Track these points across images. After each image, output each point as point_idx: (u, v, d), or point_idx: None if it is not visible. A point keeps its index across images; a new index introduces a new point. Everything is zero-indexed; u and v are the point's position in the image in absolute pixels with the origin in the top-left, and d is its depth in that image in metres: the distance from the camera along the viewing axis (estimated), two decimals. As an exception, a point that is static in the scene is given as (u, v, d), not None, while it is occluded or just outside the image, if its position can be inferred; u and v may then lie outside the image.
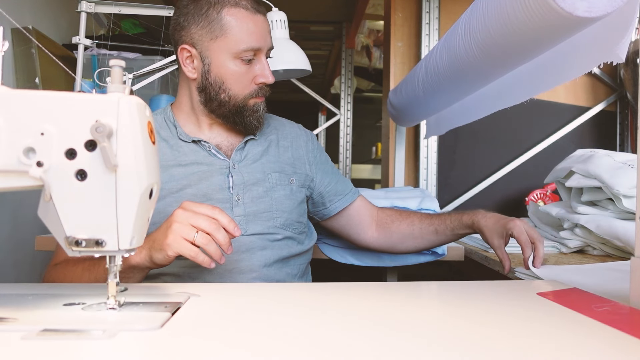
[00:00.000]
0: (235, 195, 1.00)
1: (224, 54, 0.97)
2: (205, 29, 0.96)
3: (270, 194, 1.03)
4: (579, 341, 0.47)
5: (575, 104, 2.17)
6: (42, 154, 0.52)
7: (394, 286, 0.74)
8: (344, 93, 3.21)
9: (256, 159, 1.06)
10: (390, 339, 0.47)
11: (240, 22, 0.96)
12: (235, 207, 0.99)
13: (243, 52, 0.97)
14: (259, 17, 0.98)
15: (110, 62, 0.56)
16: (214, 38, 0.96)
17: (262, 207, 1.02)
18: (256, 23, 0.97)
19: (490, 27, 0.93)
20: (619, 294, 0.68)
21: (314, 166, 1.14)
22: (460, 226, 1.09)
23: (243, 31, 0.96)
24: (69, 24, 2.09)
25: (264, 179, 1.04)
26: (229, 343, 0.47)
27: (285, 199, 1.05)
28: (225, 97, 1.00)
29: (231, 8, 0.96)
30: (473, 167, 2.12)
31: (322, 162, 1.17)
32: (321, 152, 1.18)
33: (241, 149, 1.05)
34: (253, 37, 0.97)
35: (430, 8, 2.06)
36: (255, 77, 1.00)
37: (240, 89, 1.00)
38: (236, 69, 0.98)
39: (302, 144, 1.15)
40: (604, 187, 1.11)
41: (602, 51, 0.85)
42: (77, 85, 1.55)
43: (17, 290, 0.68)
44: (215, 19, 0.96)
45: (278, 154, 1.09)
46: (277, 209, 1.03)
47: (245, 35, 0.96)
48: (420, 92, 1.46)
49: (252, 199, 1.01)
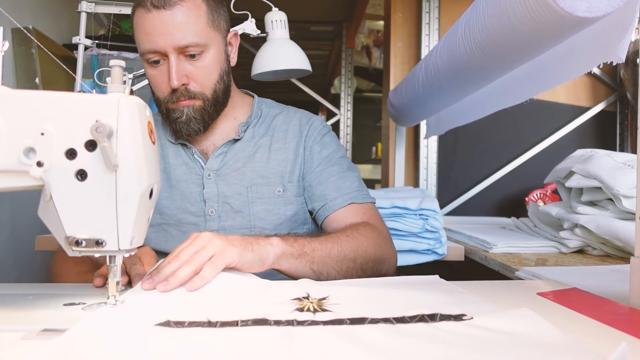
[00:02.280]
0: (209, 209, 0.94)
1: (141, 57, 0.92)
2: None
3: (249, 208, 0.94)
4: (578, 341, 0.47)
5: (575, 104, 2.17)
6: (42, 154, 0.52)
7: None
8: (344, 93, 3.21)
9: (237, 167, 0.97)
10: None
11: (137, 23, 0.89)
12: (209, 221, 0.94)
13: (145, 55, 0.89)
14: (154, 15, 0.86)
15: (111, 62, 0.56)
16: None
17: (239, 222, 0.94)
18: (152, 22, 0.86)
19: (490, 27, 0.93)
20: (619, 295, 0.68)
21: (309, 162, 1.01)
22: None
23: (140, 33, 0.88)
24: (69, 24, 2.09)
25: (242, 192, 0.95)
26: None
27: (266, 214, 0.95)
28: (155, 101, 0.95)
29: (136, 9, 0.89)
30: (473, 167, 2.12)
31: (320, 157, 1.01)
32: (324, 147, 1.02)
33: (222, 154, 0.97)
34: (146, 38, 0.87)
35: (430, 8, 2.06)
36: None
37: (159, 93, 0.93)
38: (149, 71, 0.92)
39: (302, 140, 1.01)
40: (603, 187, 1.11)
41: (602, 51, 0.84)
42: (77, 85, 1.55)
43: (17, 290, 0.68)
44: (131, 23, 0.92)
45: (266, 161, 0.98)
46: (255, 225, 0.94)
47: (141, 37, 0.88)
48: (420, 92, 1.46)
49: (227, 212, 0.94)
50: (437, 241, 1.28)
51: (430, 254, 1.30)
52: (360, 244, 0.87)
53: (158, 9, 0.86)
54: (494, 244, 1.19)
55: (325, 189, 0.98)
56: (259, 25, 1.34)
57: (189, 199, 0.95)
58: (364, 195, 0.99)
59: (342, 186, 0.98)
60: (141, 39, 0.88)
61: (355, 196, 0.98)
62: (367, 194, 1.01)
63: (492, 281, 0.78)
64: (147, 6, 0.86)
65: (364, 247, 0.87)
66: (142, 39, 0.88)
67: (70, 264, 0.92)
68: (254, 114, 1.03)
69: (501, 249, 1.19)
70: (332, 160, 1.01)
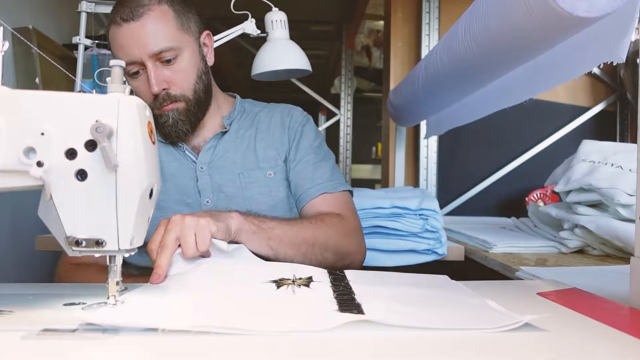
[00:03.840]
0: (204, 199, 0.98)
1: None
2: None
3: (243, 193, 0.99)
4: (579, 341, 0.47)
5: (575, 104, 2.17)
6: (42, 154, 0.52)
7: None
8: (344, 93, 3.21)
9: (228, 157, 1.02)
10: (390, 338, 0.47)
11: (113, 39, 0.94)
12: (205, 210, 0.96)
13: (125, 68, 0.90)
14: (125, 29, 0.92)
15: (111, 62, 0.56)
16: None
17: (235, 207, 0.96)
18: (124, 35, 0.92)
19: (490, 27, 0.93)
20: (619, 295, 0.68)
21: (293, 151, 1.04)
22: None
23: (116, 48, 0.94)
24: (69, 24, 2.09)
25: (234, 179, 1.00)
26: (230, 343, 0.47)
27: (261, 197, 1.00)
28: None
29: (110, 27, 0.94)
30: (473, 167, 2.13)
31: (302, 146, 1.05)
32: (303, 136, 1.06)
33: (212, 148, 1.02)
34: (122, 51, 0.93)
35: (430, 8, 2.06)
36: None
37: (147, 101, 0.94)
38: (132, 84, 0.96)
39: (285, 130, 1.06)
40: (604, 199, 1.12)
41: (602, 51, 0.85)
42: (77, 85, 1.55)
43: (17, 290, 0.68)
44: (108, 41, 0.96)
45: (253, 149, 1.03)
46: (252, 209, 0.97)
47: (118, 51, 0.94)
48: (420, 92, 1.46)
49: (223, 200, 0.98)
50: (437, 241, 1.29)
51: (430, 254, 1.30)
52: (321, 231, 0.91)
53: (127, 22, 0.91)
54: (494, 244, 1.19)
55: (300, 179, 1.02)
56: (259, 25, 1.34)
57: (184, 191, 0.99)
58: (335, 184, 1.02)
59: (314, 176, 1.02)
60: (118, 53, 0.94)
61: (327, 186, 1.01)
62: (339, 183, 1.03)
63: (492, 281, 0.79)
64: (118, 21, 0.92)
65: (325, 235, 0.91)
66: (118, 53, 0.93)
67: (75, 270, 0.94)
68: (236, 109, 1.09)
69: (501, 249, 1.19)
70: (308, 150, 1.05)
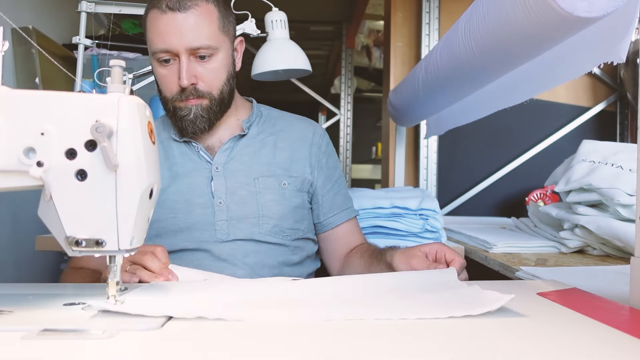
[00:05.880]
0: (217, 200, 0.98)
1: (151, 56, 0.97)
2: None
3: (257, 198, 0.99)
4: (579, 341, 0.47)
5: (575, 104, 2.17)
6: (42, 154, 0.52)
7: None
8: (344, 93, 3.21)
9: (244, 161, 1.01)
10: (390, 338, 0.47)
11: (151, 23, 0.94)
12: (218, 212, 0.97)
13: (157, 54, 0.94)
14: (169, 17, 0.92)
15: (111, 62, 0.56)
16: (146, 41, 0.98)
17: (248, 211, 0.98)
18: (166, 23, 0.92)
19: (490, 27, 0.93)
20: (619, 295, 0.68)
21: (316, 170, 1.06)
22: (385, 267, 0.92)
23: (153, 33, 0.94)
24: (69, 24, 2.09)
25: (250, 183, 0.99)
26: (229, 343, 0.47)
27: (274, 204, 0.99)
28: (162, 100, 1.00)
29: (150, 10, 0.94)
30: (473, 167, 2.13)
31: (328, 168, 1.09)
32: (329, 157, 1.10)
33: (229, 149, 1.02)
34: (159, 38, 0.93)
35: (430, 8, 2.06)
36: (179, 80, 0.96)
37: (167, 92, 0.97)
38: (159, 70, 0.96)
39: (307, 146, 1.07)
40: (604, 199, 1.12)
41: (602, 51, 0.85)
42: (77, 85, 1.55)
43: (17, 290, 0.68)
44: (144, 23, 0.97)
45: (272, 156, 1.03)
46: (264, 215, 0.98)
47: (155, 36, 0.94)
48: (420, 92, 1.46)
49: (237, 203, 0.98)
50: (437, 241, 1.28)
51: (430, 254, 1.30)
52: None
53: (173, 11, 0.91)
54: (494, 244, 1.19)
55: (325, 206, 1.07)
56: (259, 25, 1.34)
57: (197, 191, 0.98)
58: (351, 210, 1.11)
59: (337, 203, 1.08)
60: (154, 38, 0.93)
61: (348, 213, 1.09)
62: (352, 206, 1.12)
63: (492, 281, 0.79)
64: (162, 8, 0.92)
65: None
66: (155, 38, 0.93)
67: (79, 277, 0.95)
68: (254, 113, 1.09)
69: (501, 249, 1.19)
70: (333, 174, 1.10)
